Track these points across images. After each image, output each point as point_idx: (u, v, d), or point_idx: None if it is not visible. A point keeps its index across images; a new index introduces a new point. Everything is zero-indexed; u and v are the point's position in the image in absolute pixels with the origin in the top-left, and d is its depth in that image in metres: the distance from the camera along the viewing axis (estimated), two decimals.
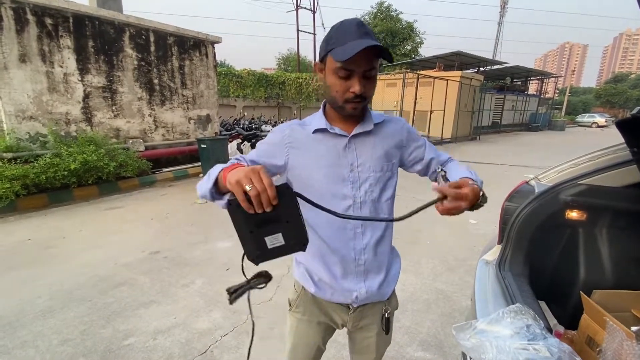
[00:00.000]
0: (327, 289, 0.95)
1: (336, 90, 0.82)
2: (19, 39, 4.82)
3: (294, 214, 0.63)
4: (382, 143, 0.92)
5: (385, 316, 0.99)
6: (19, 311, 2.29)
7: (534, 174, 1.60)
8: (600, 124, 27.81)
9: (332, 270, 0.93)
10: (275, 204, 0.59)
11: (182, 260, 3.09)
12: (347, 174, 0.88)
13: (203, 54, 7.45)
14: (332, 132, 0.89)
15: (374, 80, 0.83)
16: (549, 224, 1.36)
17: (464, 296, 2.52)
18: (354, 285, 0.93)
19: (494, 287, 1.26)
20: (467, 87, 14.29)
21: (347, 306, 0.98)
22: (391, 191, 0.95)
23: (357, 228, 0.90)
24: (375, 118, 0.93)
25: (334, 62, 0.79)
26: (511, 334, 0.88)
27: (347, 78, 0.79)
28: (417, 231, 3.77)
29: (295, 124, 0.94)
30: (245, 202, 0.58)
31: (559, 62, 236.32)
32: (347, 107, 0.83)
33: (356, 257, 0.91)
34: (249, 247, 0.65)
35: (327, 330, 1.05)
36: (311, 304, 1.01)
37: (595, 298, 1.26)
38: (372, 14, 26.54)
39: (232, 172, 0.62)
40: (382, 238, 0.94)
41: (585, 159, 1.43)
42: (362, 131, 0.90)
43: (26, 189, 4.43)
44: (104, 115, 5.95)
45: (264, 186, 0.57)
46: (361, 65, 0.77)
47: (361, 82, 0.79)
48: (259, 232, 0.63)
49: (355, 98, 0.81)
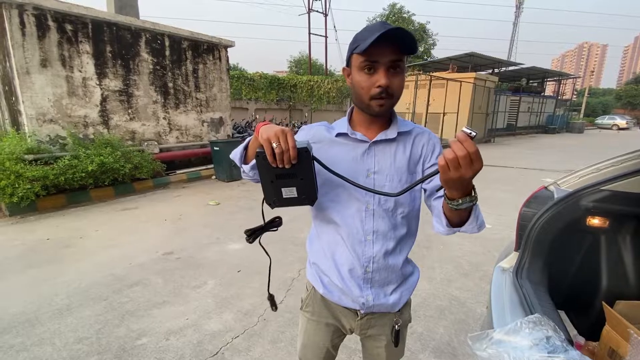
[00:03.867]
0: (336, 291, 0.95)
1: (362, 86, 0.80)
2: (40, 44, 4.99)
3: (308, 174, 0.74)
4: (404, 153, 0.89)
5: (395, 328, 0.96)
6: (37, 308, 2.36)
7: (550, 177, 1.55)
8: (621, 126, 26.88)
9: (341, 272, 0.92)
10: (294, 162, 0.69)
11: (195, 261, 3.13)
12: (363, 180, 0.87)
13: (216, 58, 7.56)
14: (352, 137, 0.88)
15: (401, 76, 0.80)
16: (569, 230, 1.32)
17: (479, 303, 2.46)
18: (360, 291, 0.91)
19: (511, 295, 1.22)
20: (481, 88, 14.06)
21: (355, 312, 0.97)
22: (409, 207, 0.90)
23: (367, 235, 0.89)
24: (401, 126, 0.90)
25: (358, 58, 0.78)
26: (530, 345, 0.85)
27: (372, 72, 0.78)
28: (430, 235, 3.71)
29: (322, 125, 0.94)
30: (271, 157, 0.68)
31: (577, 63, 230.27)
32: (373, 105, 0.81)
33: (364, 263, 0.90)
34: (268, 193, 0.77)
35: (335, 333, 1.03)
36: (320, 304, 1.01)
37: (618, 309, 1.21)
38: (384, 16, 26.48)
39: (265, 127, 0.71)
40: (395, 249, 0.92)
41: (608, 163, 1.38)
42: (385, 138, 0.88)
43: (46, 189, 4.58)
44: (120, 118, 6.10)
45: (287, 146, 0.67)
46: (385, 54, 0.76)
47: (387, 75, 0.77)
48: (277, 182, 0.74)
49: (382, 93, 0.78)
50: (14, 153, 4.45)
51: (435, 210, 0.84)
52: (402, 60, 0.79)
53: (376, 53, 0.76)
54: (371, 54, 0.76)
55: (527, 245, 1.34)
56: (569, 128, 22.92)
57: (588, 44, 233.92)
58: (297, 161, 0.69)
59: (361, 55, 0.77)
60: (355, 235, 0.89)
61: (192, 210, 4.74)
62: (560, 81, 23.83)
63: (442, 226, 0.79)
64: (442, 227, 0.79)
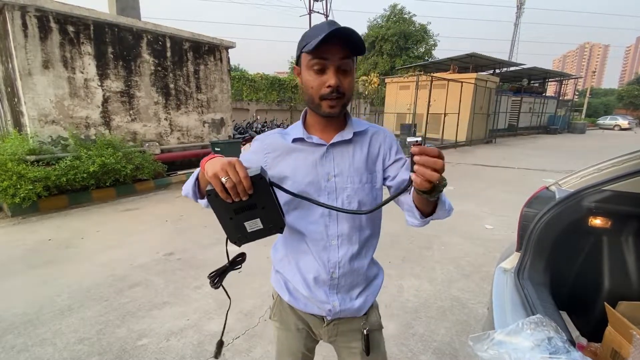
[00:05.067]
0: (301, 299, 0.93)
1: (311, 86, 0.79)
2: (42, 46, 5.01)
3: (269, 201, 0.68)
4: (362, 153, 0.88)
5: (364, 333, 0.94)
6: (38, 309, 2.36)
7: (552, 177, 1.55)
8: (623, 127, 26.80)
9: (307, 279, 0.90)
10: (250, 193, 0.63)
11: (196, 261, 3.13)
12: (324, 184, 0.86)
13: (217, 59, 7.58)
14: (309, 141, 0.86)
15: (350, 76, 0.79)
16: (570, 231, 1.31)
17: (480, 304, 2.45)
18: (327, 297, 0.90)
19: (512, 296, 1.22)
20: (483, 89, 14.03)
21: (321, 318, 0.95)
22: (371, 207, 0.88)
23: (332, 239, 0.87)
24: (356, 126, 0.90)
25: (307, 57, 0.77)
26: (531, 346, 0.85)
27: (321, 72, 0.77)
28: (430, 236, 3.71)
29: (277, 132, 0.92)
30: (223, 192, 0.62)
31: (578, 63, 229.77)
32: (323, 106, 0.80)
33: (330, 269, 0.88)
34: (230, 231, 0.71)
35: (308, 337, 1.01)
36: (287, 312, 0.99)
37: (621, 310, 1.21)
38: (385, 17, 26.47)
39: (209, 162, 0.65)
40: (360, 253, 0.91)
41: (610, 164, 1.38)
42: (341, 140, 0.87)
43: (47, 190, 4.59)
44: (122, 119, 6.11)
45: (239, 178, 0.61)
46: (334, 54, 0.75)
47: (337, 75, 0.76)
48: (238, 217, 0.68)
49: (332, 93, 0.77)
50: (16, 154, 4.47)
51: (405, 205, 0.82)
52: (352, 61, 0.78)
53: (326, 52, 0.74)
54: (321, 53, 0.75)
55: (528, 246, 1.34)
56: (570, 128, 22.85)
57: (590, 44, 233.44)
58: (253, 191, 0.63)
59: (310, 54, 0.76)
60: (320, 241, 0.88)
61: (193, 210, 4.74)
62: (561, 81, 23.77)
63: (416, 219, 0.77)
64: (417, 220, 0.78)
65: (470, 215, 4.46)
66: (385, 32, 25.09)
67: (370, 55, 26.21)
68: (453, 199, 5.02)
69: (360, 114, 17.33)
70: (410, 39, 25.13)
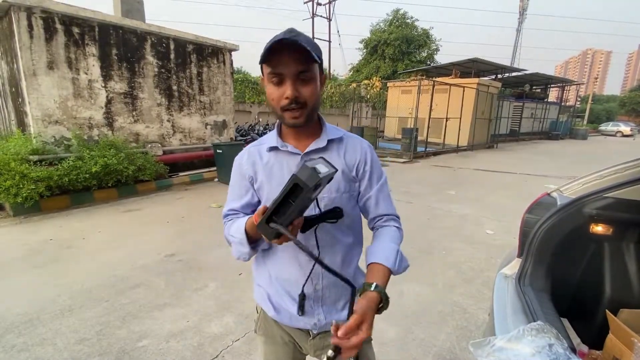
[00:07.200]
0: (286, 314, 0.91)
1: (272, 98, 0.77)
2: (47, 47, 5.05)
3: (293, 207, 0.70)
4: (338, 161, 0.86)
5: None
6: (40, 309, 2.37)
7: (553, 183, 1.55)
8: (625, 133, 26.75)
9: (291, 294, 0.89)
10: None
11: (197, 263, 3.13)
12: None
13: (220, 62, 7.62)
14: (283, 149, 0.86)
15: (312, 84, 0.77)
16: (572, 237, 1.31)
17: (481, 309, 2.45)
18: (312, 310, 0.89)
19: (513, 302, 1.22)
20: (485, 94, 14.05)
21: (307, 332, 0.93)
22: (351, 215, 0.89)
23: (313, 250, 0.85)
24: (330, 133, 0.88)
25: (266, 68, 0.76)
26: (532, 353, 0.85)
27: (279, 83, 0.75)
28: (431, 241, 3.70)
29: (251, 146, 0.93)
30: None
31: (580, 69, 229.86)
32: (286, 117, 0.78)
33: (314, 281, 0.87)
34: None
35: (296, 350, 0.99)
36: (272, 326, 0.97)
37: (623, 317, 1.20)
38: (387, 22, 26.60)
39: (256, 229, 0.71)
40: (343, 262, 0.90)
41: (611, 170, 1.38)
42: (316, 148, 0.85)
43: (50, 190, 4.61)
44: (125, 120, 6.15)
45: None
46: (289, 65, 0.72)
47: (294, 86, 0.74)
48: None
49: (291, 104, 0.76)
50: (19, 154, 4.49)
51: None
52: (309, 69, 0.75)
53: (280, 63, 0.73)
54: (275, 64, 0.73)
55: (529, 252, 1.34)
56: (572, 134, 22.83)
57: (592, 51, 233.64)
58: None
59: (267, 65, 0.75)
60: (300, 252, 0.85)
61: (195, 212, 4.75)
62: (563, 87, 23.78)
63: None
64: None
65: (472, 220, 4.45)
66: (387, 36, 25.21)
67: (372, 59, 26.32)
68: (455, 204, 4.98)
69: (362, 118, 17.37)
70: (412, 44, 25.23)
